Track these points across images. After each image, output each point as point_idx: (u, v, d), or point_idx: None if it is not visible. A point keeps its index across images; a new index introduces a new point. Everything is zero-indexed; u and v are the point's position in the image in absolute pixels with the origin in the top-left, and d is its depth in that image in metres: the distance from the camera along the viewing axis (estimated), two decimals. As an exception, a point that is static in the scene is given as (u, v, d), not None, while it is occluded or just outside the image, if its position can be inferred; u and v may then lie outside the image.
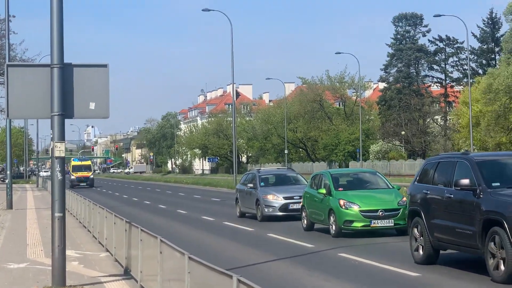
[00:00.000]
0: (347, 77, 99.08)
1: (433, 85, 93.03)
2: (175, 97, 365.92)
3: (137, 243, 12.30)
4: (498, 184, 12.77)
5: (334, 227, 20.01)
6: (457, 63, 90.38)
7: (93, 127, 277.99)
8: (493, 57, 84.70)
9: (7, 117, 12.66)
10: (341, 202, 19.89)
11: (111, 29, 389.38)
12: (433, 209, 14.17)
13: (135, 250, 12.57)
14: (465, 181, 12.94)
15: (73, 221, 26.69)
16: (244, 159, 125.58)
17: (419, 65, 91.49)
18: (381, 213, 19.58)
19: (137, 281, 12.30)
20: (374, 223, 19.55)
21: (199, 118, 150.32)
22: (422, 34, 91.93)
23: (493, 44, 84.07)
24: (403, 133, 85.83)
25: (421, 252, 14.50)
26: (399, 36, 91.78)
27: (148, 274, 11.56)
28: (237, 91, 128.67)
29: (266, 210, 26.05)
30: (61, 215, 12.24)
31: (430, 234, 14.17)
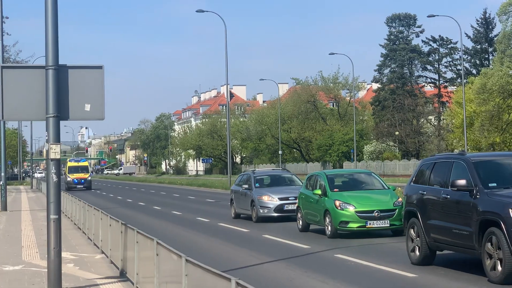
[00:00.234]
0: (340, 78, 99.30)
1: (426, 85, 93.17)
2: (169, 98, 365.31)
3: (133, 245, 12.26)
4: (494, 184, 12.76)
5: (329, 228, 19.99)
6: (451, 63, 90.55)
7: (87, 128, 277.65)
8: (487, 57, 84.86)
9: (2, 119, 12.58)
10: (337, 203, 19.87)
11: (105, 31, 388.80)
12: (429, 210, 14.16)
13: (131, 252, 12.53)
14: (462, 182, 12.93)
15: (67, 223, 26.62)
16: (238, 160, 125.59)
17: (413, 66, 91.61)
18: (376, 213, 19.56)
19: (133, 283, 12.27)
20: (369, 223, 19.53)
21: (193, 119, 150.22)
22: (415, 34, 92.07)
23: (487, 44, 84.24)
24: (397, 133, 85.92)
25: (417, 253, 14.49)
26: (392, 36, 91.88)
27: (144, 276, 11.52)
28: (231, 92, 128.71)
29: (261, 211, 26.02)
30: (57, 217, 12.18)
31: (426, 234, 14.15)
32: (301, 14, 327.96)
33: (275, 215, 25.87)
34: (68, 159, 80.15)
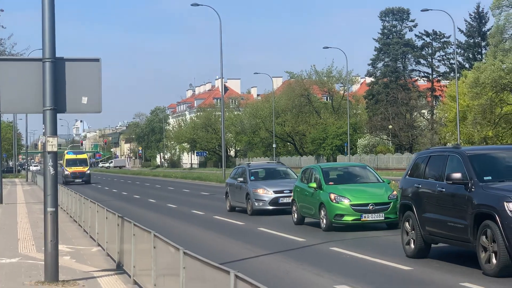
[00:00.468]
0: (334, 72, 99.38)
1: (420, 79, 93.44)
2: (163, 92, 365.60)
3: (129, 238, 12.26)
4: (489, 178, 12.82)
5: (324, 221, 20.05)
6: (444, 57, 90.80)
7: (81, 121, 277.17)
8: (480, 51, 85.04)
9: (-1, 112, 12.60)
10: (332, 196, 19.93)
11: (100, 24, 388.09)
12: (424, 203, 14.22)
13: (128, 244, 12.54)
14: (457, 175, 12.98)
15: (63, 215, 26.63)
16: (232, 153, 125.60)
17: (406, 60, 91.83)
18: (371, 207, 19.63)
19: (130, 276, 12.29)
20: (364, 217, 19.60)
21: (187, 112, 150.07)
22: (409, 28, 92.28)
23: (480, 38, 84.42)
24: (390, 127, 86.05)
25: (412, 245, 14.55)
26: (386, 31, 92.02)
27: (141, 268, 11.56)
28: (225, 85, 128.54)
29: (256, 204, 26.08)
30: (54, 210, 12.23)
31: (421, 228, 14.21)
32: (295, 8, 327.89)
33: (270, 208, 25.93)
34: (65, 152, 75.10)
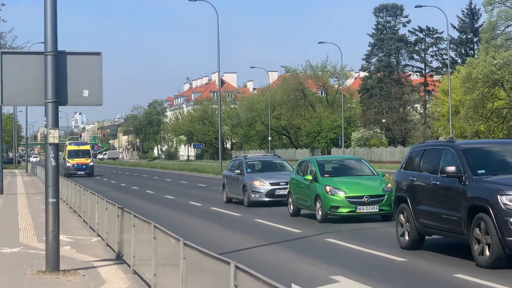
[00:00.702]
0: (329, 66, 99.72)
1: (413, 74, 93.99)
2: (161, 85, 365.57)
3: (129, 228, 12.38)
4: (483, 171, 12.98)
5: (320, 212, 20.27)
6: (437, 53, 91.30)
7: (80, 114, 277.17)
8: (472, 47, 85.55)
9: (1, 104, 12.76)
10: (327, 188, 20.15)
11: (99, 18, 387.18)
12: (419, 196, 14.38)
13: (128, 235, 12.67)
14: (451, 168, 13.14)
15: (63, 206, 26.78)
16: (228, 146, 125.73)
17: (400, 55, 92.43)
18: (366, 199, 19.86)
19: (129, 266, 12.44)
20: (359, 209, 19.83)
21: (184, 105, 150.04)
22: (402, 24, 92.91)
23: (472, 34, 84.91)
24: (384, 120, 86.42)
25: (407, 237, 14.70)
26: (380, 26, 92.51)
27: (140, 259, 11.69)
28: (222, 79, 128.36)
29: (252, 195, 26.29)
30: (55, 200, 12.40)
31: (416, 220, 14.38)
32: (291, 3, 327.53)
33: (267, 199, 26.14)
34: (67, 142, 73.33)
